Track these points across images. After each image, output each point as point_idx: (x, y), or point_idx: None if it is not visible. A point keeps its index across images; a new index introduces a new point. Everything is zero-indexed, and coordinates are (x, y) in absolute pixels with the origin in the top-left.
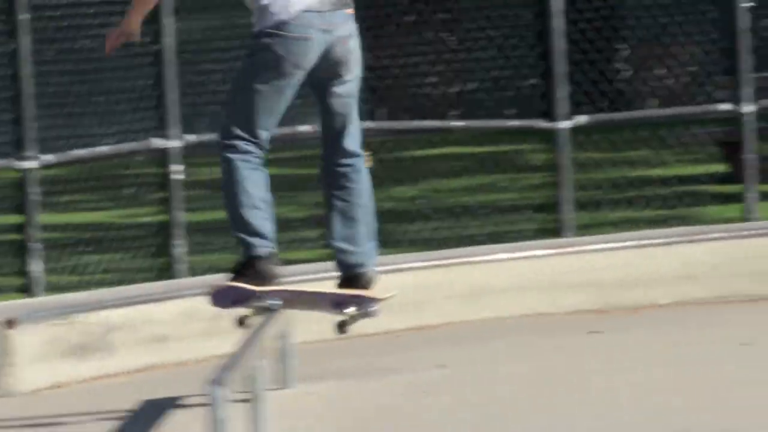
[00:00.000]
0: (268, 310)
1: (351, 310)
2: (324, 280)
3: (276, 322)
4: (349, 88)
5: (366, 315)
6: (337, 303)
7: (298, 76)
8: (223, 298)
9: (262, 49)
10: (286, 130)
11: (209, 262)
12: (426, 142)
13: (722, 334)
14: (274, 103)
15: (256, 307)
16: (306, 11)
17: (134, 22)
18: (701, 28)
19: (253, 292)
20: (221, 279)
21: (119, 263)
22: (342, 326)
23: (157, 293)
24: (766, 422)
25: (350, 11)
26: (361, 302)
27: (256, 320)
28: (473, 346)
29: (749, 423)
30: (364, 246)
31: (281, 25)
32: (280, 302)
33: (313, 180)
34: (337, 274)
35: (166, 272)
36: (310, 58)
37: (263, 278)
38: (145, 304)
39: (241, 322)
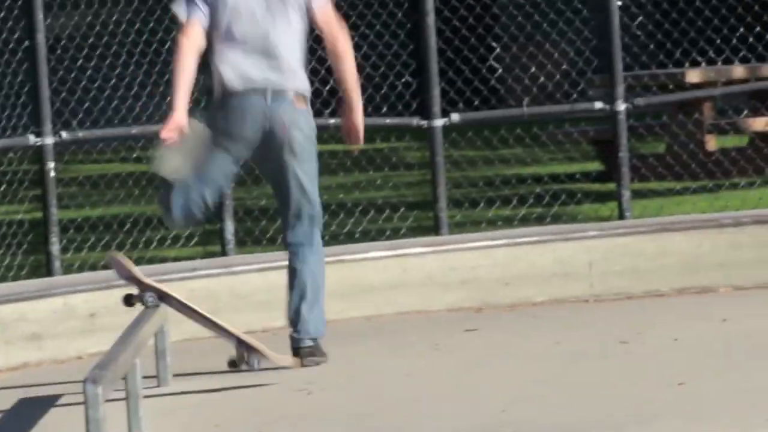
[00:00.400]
0: (146, 303)
1: (244, 357)
2: (193, 279)
3: (153, 319)
4: (294, 172)
5: (250, 367)
6: (239, 343)
7: (232, 150)
8: (115, 267)
9: (210, 116)
10: (154, 127)
11: (84, 259)
12: None
13: (599, 332)
14: (210, 166)
15: (142, 290)
16: (248, 93)
17: (183, 108)
18: (574, 27)
19: (134, 277)
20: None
21: None
22: (233, 364)
23: (32, 291)
24: (642, 417)
25: (299, 104)
26: (255, 358)
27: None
28: (350, 343)
29: (626, 418)
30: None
31: (224, 99)
32: (156, 302)
33: None
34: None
35: (41, 270)
36: (244, 135)
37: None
38: (20, 302)
39: (128, 300)
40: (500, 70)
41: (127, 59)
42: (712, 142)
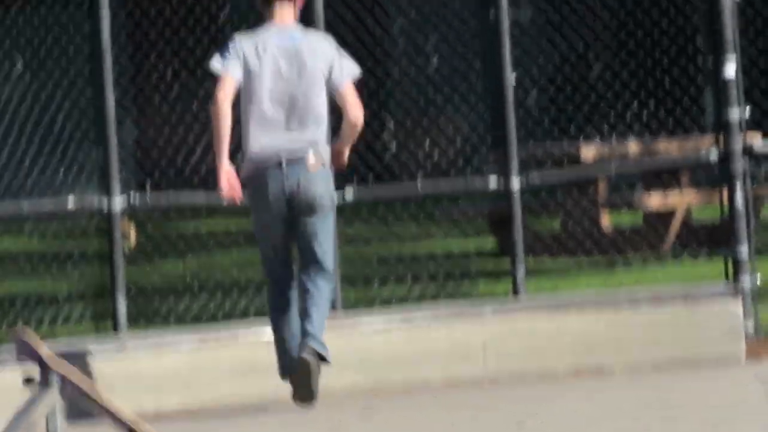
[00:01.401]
0: (47, 385)
1: None
2: (86, 358)
3: (46, 399)
4: (314, 225)
5: None
6: None
7: (272, 214)
8: (19, 344)
9: (247, 195)
10: (50, 203)
11: None
12: (194, 215)
13: (494, 413)
14: (266, 238)
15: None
16: (266, 163)
17: (226, 164)
18: (468, 102)
19: (39, 355)
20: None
21: None
22: None
23: None
24: None
25: (312, 162)
26: None
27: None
28: (246, 423)
29: None
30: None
31: (249, 175)
32: (59, 380)
33: (75, 254)
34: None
35: None
36: (274, 199)
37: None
38: None
39: (28, 381)
40: (394, 146)
41: (18, 134)
42: (606, 219)
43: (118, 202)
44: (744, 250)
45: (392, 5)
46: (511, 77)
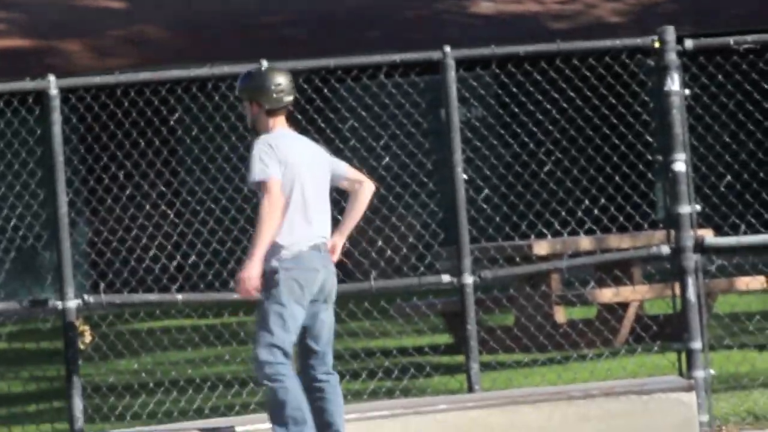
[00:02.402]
0: None
1: None
2: None
3: None
4: (331, 313)
5: None
6: None
7: (310, 293)
8: None
9: (282, 280)
10: (7, 304)
11: None
12: (148, 314)
13: None
14: (297, 316)
15: None
16: (309, 250)
17: (260, 264)
18: (420, 200)
19: None
20: None
21: None
22: None
23: None
24: None
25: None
26: None
27: None
28: None
29: None
30: None
31: (292, 258)
32: None
33: (31, 354)
34: None
35: None
36: (318, 278)
37: None
38: None
39: None
40: (347, 244)
41: None
42: (560, 314)
43: (72, 302)
44: (697, 344)
45: (343, 104)
46: (462, 175)
